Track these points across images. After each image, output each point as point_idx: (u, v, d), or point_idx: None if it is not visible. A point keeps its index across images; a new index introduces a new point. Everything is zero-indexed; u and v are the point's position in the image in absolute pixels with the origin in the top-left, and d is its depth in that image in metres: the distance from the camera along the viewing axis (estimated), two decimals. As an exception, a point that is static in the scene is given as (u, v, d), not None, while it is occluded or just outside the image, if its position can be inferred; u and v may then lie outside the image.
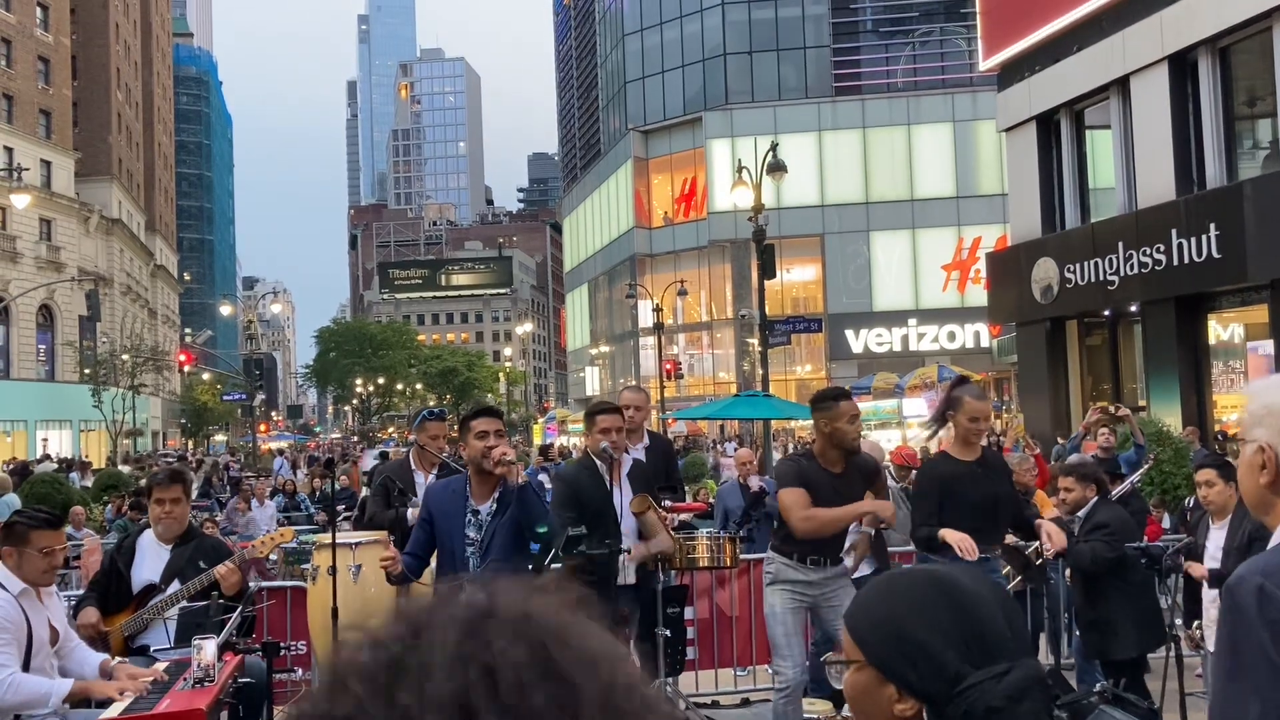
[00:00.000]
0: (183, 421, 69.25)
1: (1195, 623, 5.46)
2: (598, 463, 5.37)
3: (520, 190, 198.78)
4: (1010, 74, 21.56)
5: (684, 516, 7.14)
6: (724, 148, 47.26)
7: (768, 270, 22.96)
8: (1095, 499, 5.74)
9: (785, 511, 5.34)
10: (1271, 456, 1.88)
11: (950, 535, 5.19)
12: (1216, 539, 5.21)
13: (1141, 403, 17.53)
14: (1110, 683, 4.60)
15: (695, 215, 50.70)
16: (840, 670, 1.46)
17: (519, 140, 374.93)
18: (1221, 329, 17.96)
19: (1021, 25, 20.60)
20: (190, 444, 65.17)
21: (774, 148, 22.58)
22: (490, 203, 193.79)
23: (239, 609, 4.62)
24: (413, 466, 6.07)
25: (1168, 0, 17.11)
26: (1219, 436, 13.47)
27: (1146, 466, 9.36)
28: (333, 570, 4.86)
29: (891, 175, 47.46)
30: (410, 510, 5.79)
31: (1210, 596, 5.20)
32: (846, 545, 5.75)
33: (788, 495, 5.32)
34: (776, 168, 21.92)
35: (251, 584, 5.40)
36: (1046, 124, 20.60)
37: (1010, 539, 5.57)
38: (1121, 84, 18.40)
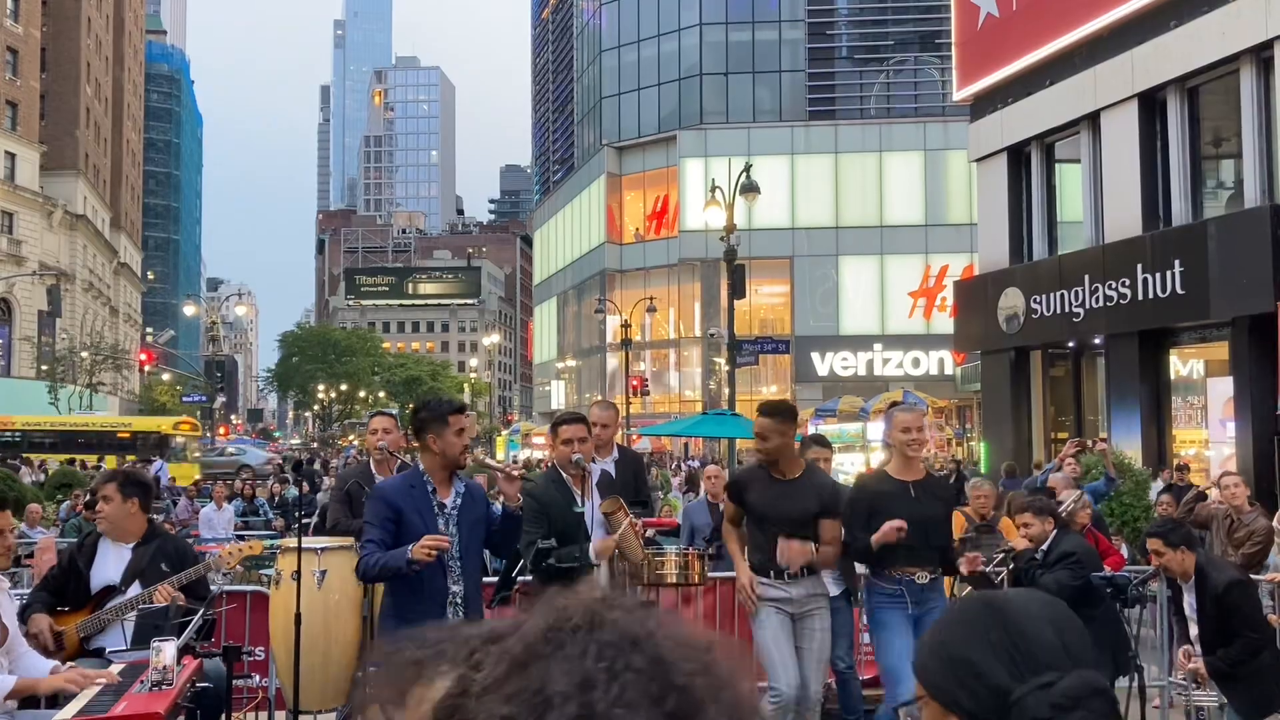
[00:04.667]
0: (140, 422, 68.30)
1: (1186, 648, 5.52)
2: (564, 475, 5.34)
3: (491, 201, 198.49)
4: (983, 105, 21.80)
5: (650, 533, 7.12)
6: (697, 167, 47.43)
7: (738, 290, 23.05)
8: (1055, 530, 5.82)
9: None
10: None
11: (882, 534, 5.32)
12: (1190, 598, 5.31)
13: (1102, 434, 17.69)
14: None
15: (666, 233, 50.82)
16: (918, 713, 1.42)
17: (491, 151, 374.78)
18: (1182, 364, 18.21)
19: (996, 57, 20.85)
20: (147, 445, 64.22)
21: (748, 169, 22.70)
22: (461, 213, 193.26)
23: (200, 611, 4.54)
24: (374, 472, 6.00)
25: (1139, 39, 17.38)
26: (1180, 469, 13.65)
27: (1078, 494, 9.43)
28: (297, 575, 4.79)
29: (862, 201, 47.84)
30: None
31: (1194, 634, 5.30)
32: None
33: (726, 507, 5.78)
34: (750, 188, 22.04)
35: (213, 587, 5.32)
36: (1017, 156, 20.84)
37: (969, 563, 5.57)
38: (1092, 119, 18.65)
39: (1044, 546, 5.76)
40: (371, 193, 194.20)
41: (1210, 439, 16.90)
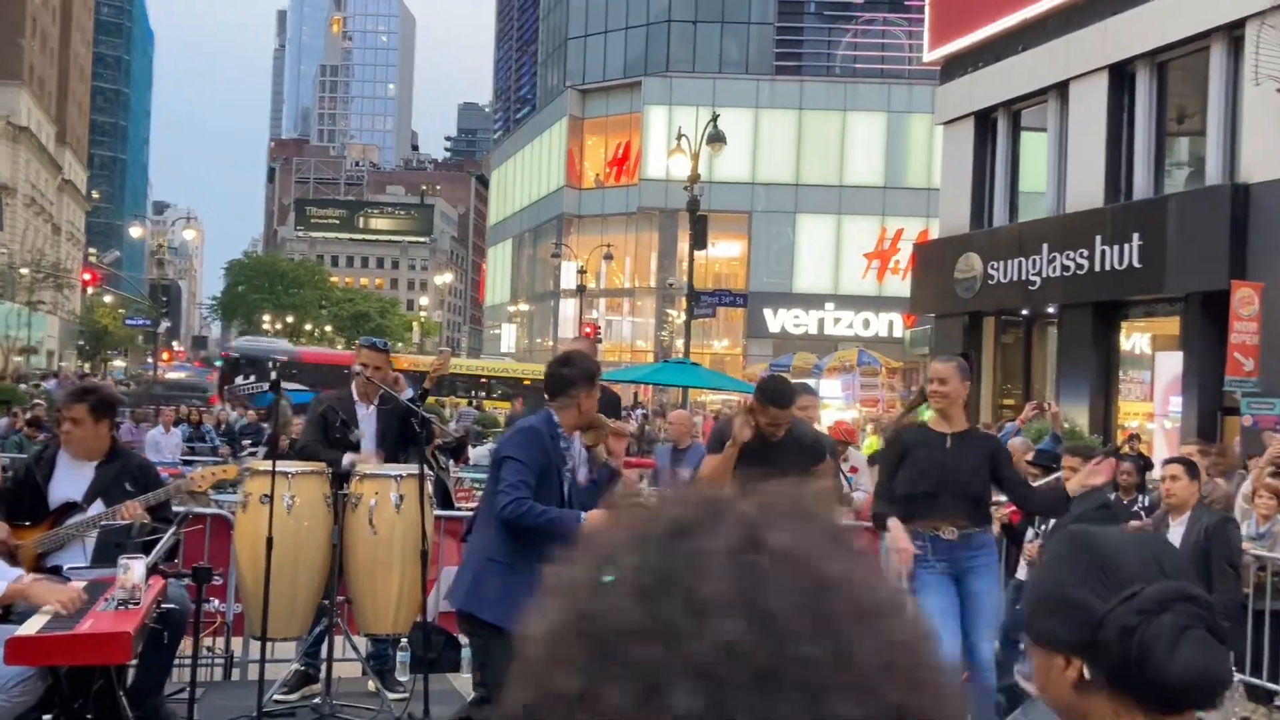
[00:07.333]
0: (80, 344, 67.01)
1: None
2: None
3: (448, 139, 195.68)
4: (953, 68, 21.77)
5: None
6: (661, 115, 47.03)
7: (699, 241, 22.97)
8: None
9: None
10: None
11: (895, 531, 5.14)
12: (1175, 535, 5.40)
13: (1048, 400, 17.94)
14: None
15: (626, 180, 50.44)
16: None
17: (450, 88, 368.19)
18: (1129, 338, 18.48)
19: (969, 20, 20.79)
20: (87, 367, 63.08)
21: (715, 118, 22.54)
22: (415, 149, 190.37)
23: (171, 531, 4.43)
24: (355, 398, 5.84)
25: (1113, 10, 17.40)
26: (1132, 439, 13.88)
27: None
28: (268, 498, 4.69)
29: (823, 159, 47.76)
30: (347, 457, 5.55)
31: None
32: None
33: (705, 462, 5.58)
34: (716, 138, 21.88)
35: (181, 507, 5.20)
36: (984, 121, 20.87)
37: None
38: (1061, 88, 18.70)
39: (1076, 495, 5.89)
40: (325, 123, 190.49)
41: (1155, 412, 17.20)
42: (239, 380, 30.14)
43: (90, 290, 56.63)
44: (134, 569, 3.84)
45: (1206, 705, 1.28)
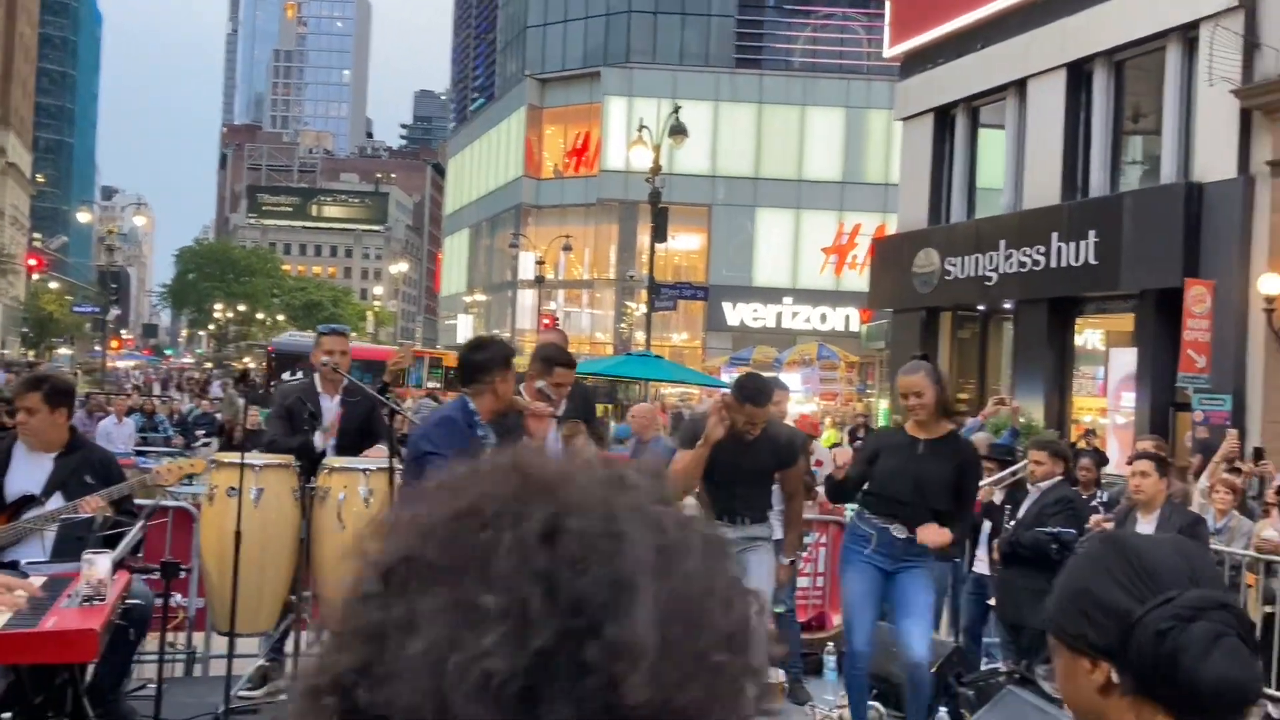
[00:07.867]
0: (24, 331, 65.65)
1: None
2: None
3: (403, 127, 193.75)
4: (913, 64, 21.91)
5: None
6: (620, 106, 46.91)
7: (660, 233, 22.95)
8: (1060, 477, 5.96)
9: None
10: None
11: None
12: (1145, 531, 5.44)
13: (1003, 395, 18.11)
14: (1022, 663, 4.72)
15: (586, 171, 50.25)
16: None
17: (406, 75, 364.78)
18: (1087, 333, 18.72)
19: (930, 16, 20.92)
20: (31, 354, 61.86)
21: (676, 110, 22.51)
22: (370, 136, 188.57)
23: (139, 525, 4.32)
24: (318, 389, 5.72)
25: (1072, 9, 17.59)
26: (1088, 434, 14.07)
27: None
28: (234, 491, 4.59)
29: (782, 153, 47.89)
30: (318, 435, 5.48)
31: None
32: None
33: (676, 459, 5.50)
34: (678, 130, 21.86)
35: (147, 500, 5.08)
36: (943, 117, 21.02)
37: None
38: (1019, 86, 18.88)
39: (1043, 485, 5.93)
40: (279, 109, 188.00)
41: (1108, 408, 17.44)
42: (285, 376, 30.05)
43: (35, 276, 55.47)
44: (98, 564, 3.74)
45: (1235, 717, 1.27)
